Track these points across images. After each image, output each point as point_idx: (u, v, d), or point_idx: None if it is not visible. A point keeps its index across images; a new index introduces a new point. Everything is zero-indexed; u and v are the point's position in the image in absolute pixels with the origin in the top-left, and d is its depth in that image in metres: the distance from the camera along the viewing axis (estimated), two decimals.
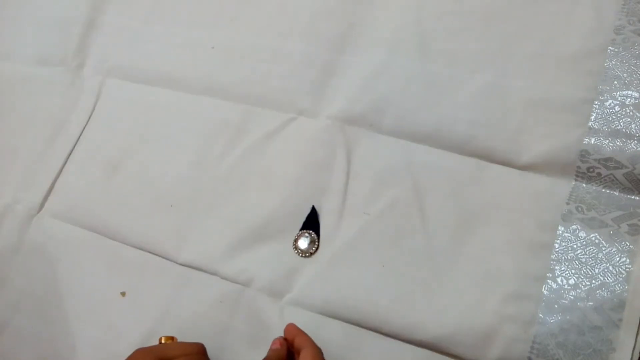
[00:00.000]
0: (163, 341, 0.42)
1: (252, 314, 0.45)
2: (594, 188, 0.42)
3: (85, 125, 0.57)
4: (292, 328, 0.41)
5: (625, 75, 0.43)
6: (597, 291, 0.38)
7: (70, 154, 0.56)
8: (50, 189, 0.55)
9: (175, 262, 0.48)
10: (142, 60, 0.57)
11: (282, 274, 0.45)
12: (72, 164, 0.55)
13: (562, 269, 0.40)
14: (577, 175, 0.42)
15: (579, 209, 0.41)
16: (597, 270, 0.39)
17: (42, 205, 0.54)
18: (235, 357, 0.44)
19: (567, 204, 0.42)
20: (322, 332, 0.42)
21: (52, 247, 0.52)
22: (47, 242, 0.52)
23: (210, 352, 0.44)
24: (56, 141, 0.57)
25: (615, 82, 0.43)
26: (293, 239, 0.46)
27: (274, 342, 0.41)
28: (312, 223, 0.46)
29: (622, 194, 0.41)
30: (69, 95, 0.58)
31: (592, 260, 0.39)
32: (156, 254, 0.49)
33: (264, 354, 0.43)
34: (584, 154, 0.42)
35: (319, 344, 0.39)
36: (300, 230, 0.46)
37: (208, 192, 0.50)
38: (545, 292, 0.40)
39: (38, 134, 0.57)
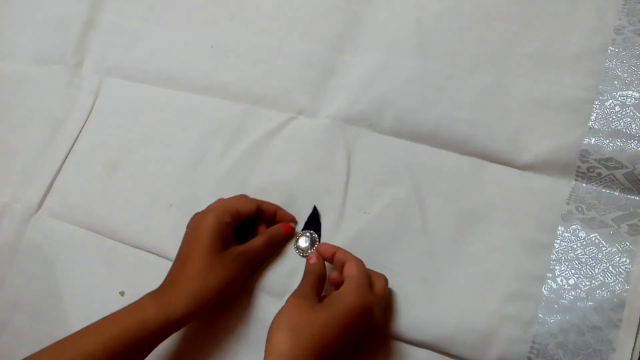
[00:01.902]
0: None
1: (252, 314, 0.44)
2: (594, 188, 0.42)
3: (84, 124, 0.57)
4: (328, 246, 0.42)
5: (625, 75, 0.43)
6: (597, 291, 0.38)
7: (68, 153, 0.56)
8: (48, 188, 0.54)
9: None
10: (141, 59, 0.57)
11: (282, 274, 0.45)
12: (70, 163, 0.55)
13: (562, 269, 0.40)
14: (577, 175, 0.42)
15: (579, 209, 0.41)
16: (597, 270, 0.39)
17: (40, 205, 0.54)
18: (236, 357, 0.44)
19: (567, 204, 0.42)
20: None
21: (50, 247, 0.52)
22: (46, 241, 0.52)
23: (210, 352, 0.44)
24: (55, 140, 0.56)
25: (616, 82, 0.43)
26: (294, 239, 0.46)
27: (310, 257, 0.42)
28: (313, 223, 0.46)
29: (622, 194, 0.41)
30: (67, 94, 0.58)
31: (592, 260, 0.39)
32: (155, 254, 0.49)
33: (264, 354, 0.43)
34: (584, 154, 0.42)
35: None
36: (302, 230, 0.46)
37: (208, 192, 0.49)
38: (545, 292, 0.40)
39: (36, 133, 0.57)
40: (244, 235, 0.44)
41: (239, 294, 0.45)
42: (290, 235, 0.45)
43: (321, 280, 0.40)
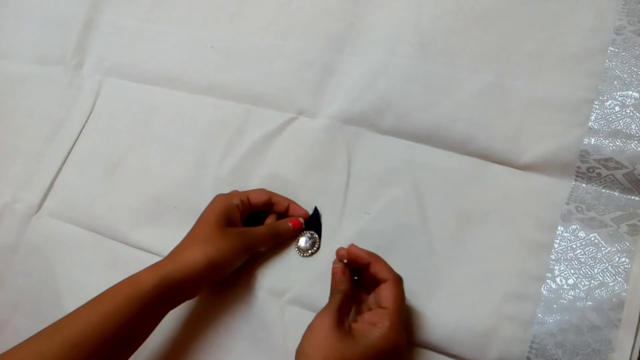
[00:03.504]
0: None
1: (252, 313, 0.45)
2: (593, 188, 0.42)
3: (84, 124, 0.57)
4: (362, 252, 0.39)
5: (625, 75, 0.43)
6: (596, 291, 0.38)
7: (69, 153, 0.56)
8: (49, 188, 0.55)
9: None
10: (141, 59, 0.57)
11: (283, 273, 0.45)
12: (71, 164, 0.55)
13: (562, 268, 0.40)
14: (577, 176, 0.42)
15: (579, 209, 0.41)
16: (596, 270, 0.39)
17: (40, 205, 0.54)
18: (235, 356, 0.44)
19: (567, 204, 0.42)
20: None
21: (50, 247, 0.52)
22: (46, 241, 0.52)
23: (209, 352, 0.44)
24: (55, 140, 0.56)
25: (616, 82, 0.43)
26: (294, 238, 0.46)
27: (336, 271, 0.39)
28: (314, 223, 0.46)
29: (621, 194, 0.41)
30: (67, 94, 0.58)
31: (592, 260, 0.39)
32: (156, 254, 0.49)
33: (264, 354, 0.43)
34: (583, 154, 0.42)
35: None
36: (303, 230, 0.46)
37: (209, 192, 0.49)
38: (544, 292, 0.40)
39: (37, 133, 0.57)
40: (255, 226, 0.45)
41: (239, 292, 0.45)
42: (297, 230, 0.45)
43: (349, 299, 0.38)
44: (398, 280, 0.38)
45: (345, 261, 0.39)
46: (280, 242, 0.46)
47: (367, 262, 0.38)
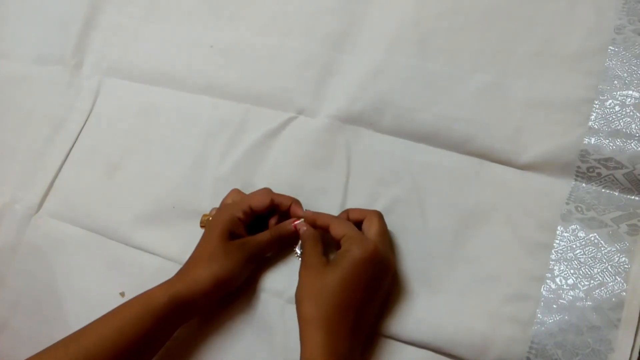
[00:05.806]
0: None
1: (252, 313, 0.45)
2: (593, 188, 0.42)
3: (84, 124, 0.57)
4: (310, 216, 0.43)
5: (625, 75, 0.43)
6: (596, 291, 0.38)
7: (69, 153, 0.56)
8: (48, 188, 0.55)
9: (176, 262, 0.48)
10: (140, 59, 0.57)
11: (282, 273, 0.45)
12: (70, 164, 0.55)
13: (561, 269, 0.40)
14: (577, 175, 0.42)
15: (579, 208, 0.41)
16: (596, 270, 0.39)
17: (40, 205, 0.54)
18: (236, 356, 0.44)
19: (567, 203, 0.42)
20: None
21: (50, 247, 0.52)
22: (46, 241, 0.52)
23: (209, 353, 0.44)
24: (55, 140, 0.56)
25: (616, 81, 0.43)
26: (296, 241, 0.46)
27: (299, 226, 0.43)
28: None
29: (621, 194, 0.41)
30: (67, 94, 0.58)
31: (591, 260, 0.39)
32: (156, 254, 0.49)
33: (264, 354, 0.43)
34: (584, 154, 0.42)
35: None
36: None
37: (209, 192, 0.49)
38: (544, 292, 0.40)
39: (36, 133, 0.57)
40: (261, 229, 0.45)
41: (240, 292, 0.45)
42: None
43: (318, 241, 0.42)
44: (340, 219, 0.42)
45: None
46: (284, 245, 0.45)
47: (313, 220, 0.43)
